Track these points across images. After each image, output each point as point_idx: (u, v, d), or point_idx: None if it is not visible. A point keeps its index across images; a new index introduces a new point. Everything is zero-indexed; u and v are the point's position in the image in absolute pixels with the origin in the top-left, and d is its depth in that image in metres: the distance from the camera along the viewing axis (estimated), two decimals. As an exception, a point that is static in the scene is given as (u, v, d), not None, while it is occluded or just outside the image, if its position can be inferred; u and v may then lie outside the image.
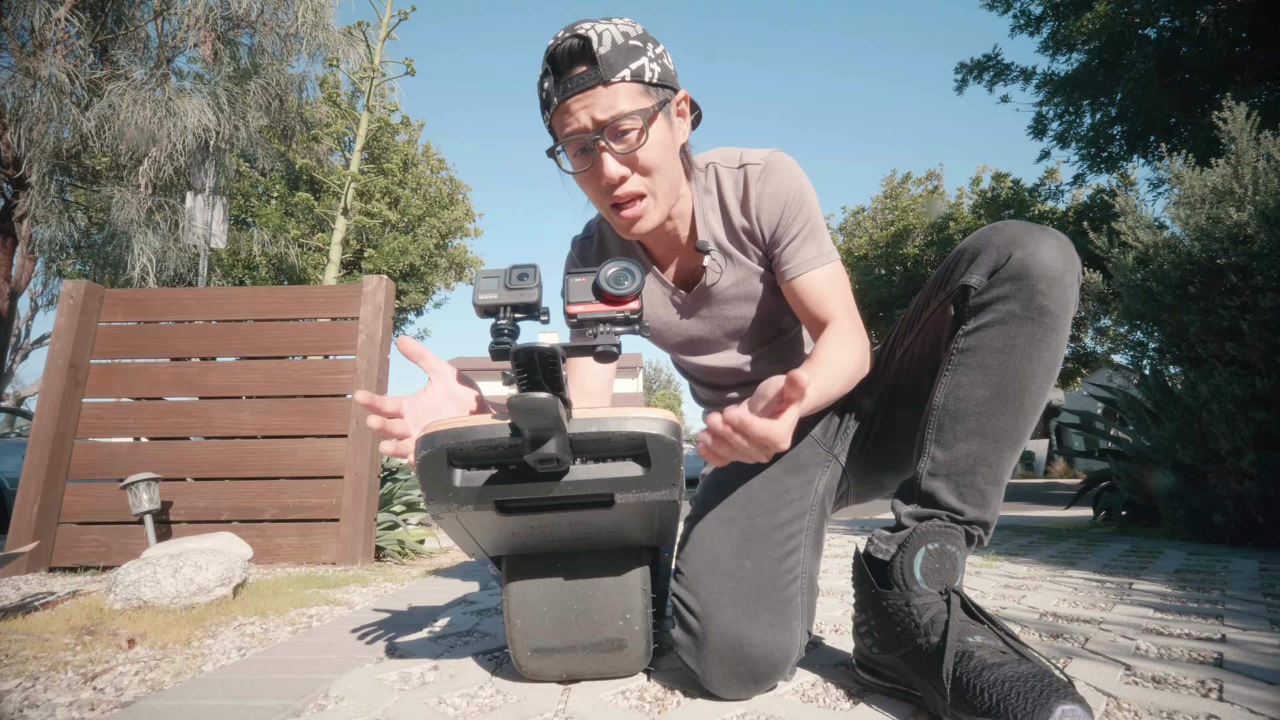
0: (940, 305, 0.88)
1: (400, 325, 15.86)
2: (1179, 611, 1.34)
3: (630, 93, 0.87)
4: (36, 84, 6.89)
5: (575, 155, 0.92)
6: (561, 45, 0.86)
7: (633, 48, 0.87)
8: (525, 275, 0.67)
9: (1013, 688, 0.64)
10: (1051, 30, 10.65)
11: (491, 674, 0.99)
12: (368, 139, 10.40)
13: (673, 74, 0.93)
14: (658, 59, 0.89)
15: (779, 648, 0.82)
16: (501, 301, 0.67)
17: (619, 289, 0.68)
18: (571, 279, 0.71)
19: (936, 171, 18.40)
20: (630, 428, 0.68)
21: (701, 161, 1.03)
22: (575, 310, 0.69)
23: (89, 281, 2.65)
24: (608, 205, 0.94)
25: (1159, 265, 2.84)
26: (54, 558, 2.44)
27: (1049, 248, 0.78)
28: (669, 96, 0.91)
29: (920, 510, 0.84)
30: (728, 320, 1.07)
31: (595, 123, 0.87)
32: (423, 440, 0.70)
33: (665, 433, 0.69)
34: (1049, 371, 0.80)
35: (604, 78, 0.85)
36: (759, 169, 0.98)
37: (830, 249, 0.99)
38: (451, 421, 0.70)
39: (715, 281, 1.04)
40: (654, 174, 0.91)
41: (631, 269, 0.69)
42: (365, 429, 2.54)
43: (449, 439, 0.69)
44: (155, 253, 8.00)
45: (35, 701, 0.91)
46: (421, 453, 0.69)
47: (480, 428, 0.69)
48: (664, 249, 1.07)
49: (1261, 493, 2.54)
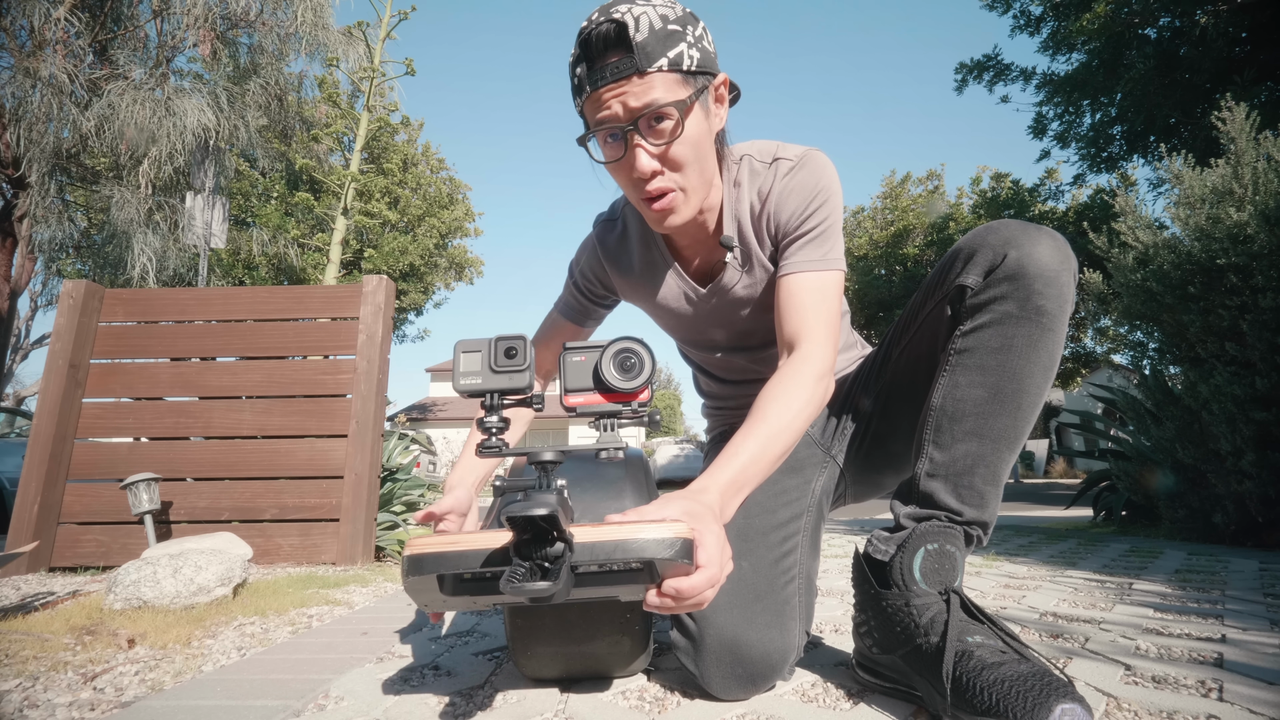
0: (937, 305, 0.88)
1: (400, 325, 15.86)
2: (1179, 611, 1.34)
3: (667, 83, 0.81)
4: (36, 84, 6.89)
5: (607, 144, 0.88)
6: (596, 29, 0.81)
7: (671, 33, 0.81)
8: (513, 352, 0.60)
9: (1012, 687, 0.64)
10: (1051, 30, 10.66)
11: (491, 674, 0.99)
12: (367, 139, 10.39)
13: (713, 56, 0.87)
14: (697, 43, 0.84)
15: (776, 648, 0.82)
16: (487, 388, 0.61)
17: (626, 382, 0.61)
18: (569, 357, 0.63)
19: (937, 171, 18.42)
20: (645, 555, 0.59)
21: (736, 153, 0.99)
22: (574, 402, 0.63)
23: (89, 281, 2.65)
24: (639, 197, 0.91)
25: (1159, 265, 2.84)
26: (54, 558, 2.44)
27: (1044, 247, 0.78)
28: (707, 83, 0.86)
29: (919, 511, 0.84)
30: (737, 319, 1.06)
31: (629, 112, 0.82)
32: (409, 563, 0.60)
33: (677, 556, 0.60)
34: (1046, 371, 0.80)
35: (640, 67, 0.80)
36: (790, 164, 0.95)
37: (836, 258, 0.93)
38: (440, 544, 0.60)
39: (734, 281, 1.01)
40: (687, 168, 0.87)
41: (639, 351, 0.63)
42: (365, 429, 2.54)
43: (438, 566, 0.59)
44: (155, 253, 8.00)
45: (35, 701, 0.91)
46: (409, 577, 0.61)
47: (470, 554, 0.59)
48: (689, 240, 1.04)
49: (1261, 493, 2.54)
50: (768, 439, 0.79)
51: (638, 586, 0.62)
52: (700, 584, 0.62)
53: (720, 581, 0.64)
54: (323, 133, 8.87)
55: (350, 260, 13.20)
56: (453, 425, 24.49)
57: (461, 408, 25.58)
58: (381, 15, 8.11)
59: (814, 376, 0.85)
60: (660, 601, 0.63)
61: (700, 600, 0.63)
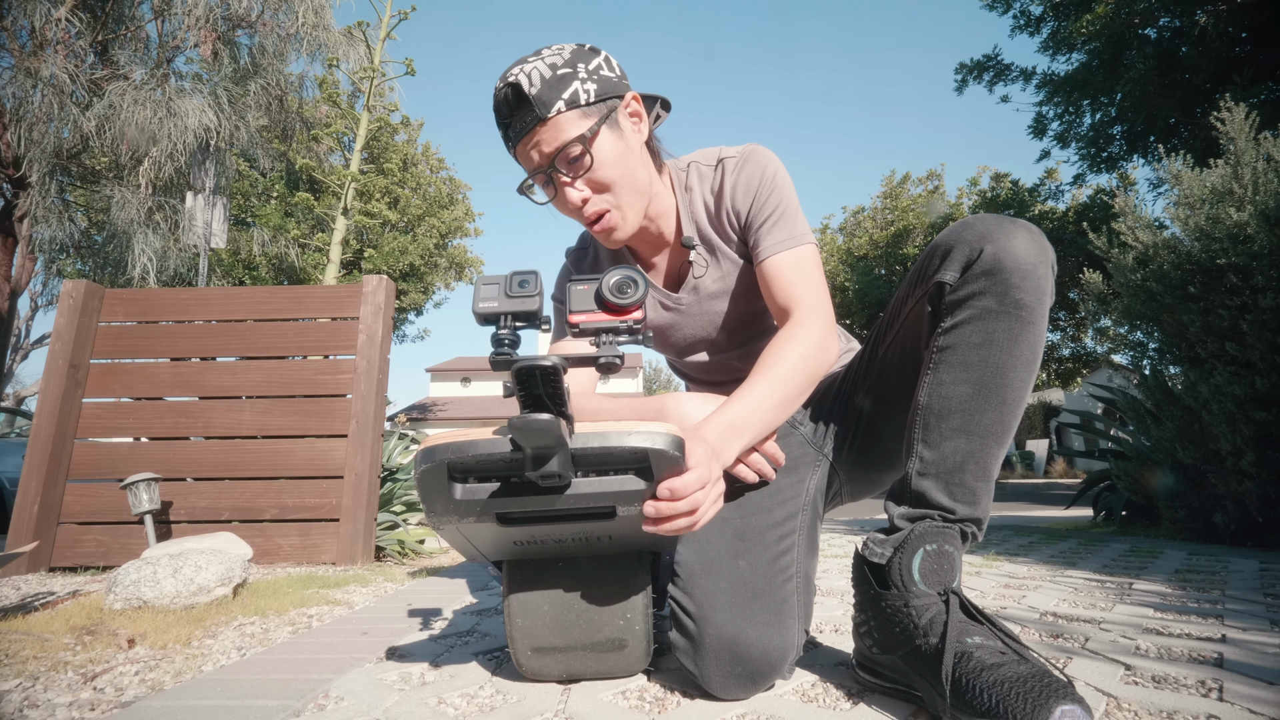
0: (918, 302, 0.88)
1: (400, 325, 15.86)
2: (1179, 611, 1.34)
3: (569, 120, 0.91)
4: (37, 84, 6.89)
5: (544, 187, 0.99)
6: (499, 96, 0.92)
7: (561, 77, 0.90)
8: (526, 282, 0.67)
9: (1012, 688, 0.64)
10: (1051, 30, 10.65)
11: (491, 674, 0.99)
12: (367, 139, 10.40)
13: (614, 81, 0.95)
14: (591, 75, 0.92)
15: (775, 647, 0.82)
16: (502, 310, 0.66)
17: (622, 298, 0.68)
18: (573, 286, 0.70)
19: (937, 171, 18.41)
20: (633, 442, 0.67)
21: (683, 162, 1.08)
22: (577, 319, 0.69)
23: (89, 281, 2.65)
24: (583, 223, 1.00)
25: (1159, 265, 2.84)
26: (54, 558, 2.44)
27: (1020, 240, 0.78)
28: (613, 106, 0.94)
29: (912, 511, 0.84)
30: (716, 315, 1.10)
31: (544, 156, 0.92)
32: (422, 454, 0.69)
33: (668, 447, 0.68)
34: (1029, 365, 0.80)
35: (540, 115, 0.90)
36: (735, 160, 1.03)
37: (802, 232, 1.00)
38: (452, 435, 0.69)
39: (702, 275, 1.08)
40: (614, 187, 0.95)
41: (635, 277, 0.69)
42: (365, 429, 2.54)
43: (449, 453, 0.68)
44: (155, 253, 8.00)
45: (35, 701, 0.91)
46: (421, 466, 0.68)
47: (481, 442, 0.67)
48: (650, 249, 1.12)
49: (1261, 493, 2.54)
50: (768, 389, 0.87)
51: (634, 494, 0.70)
52: (692, 482, 0.70)
53: (710, 485, 0.72)
54: (323, 133, 8.86)
55: (350, 260, 13.19)
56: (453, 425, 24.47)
57: (461, 408, 25.57)
58: (381, 15, 8.12)
59: (810, 334, 0.92)
60: (657, 509, 0.70)
61: (694, 505, 0.70)
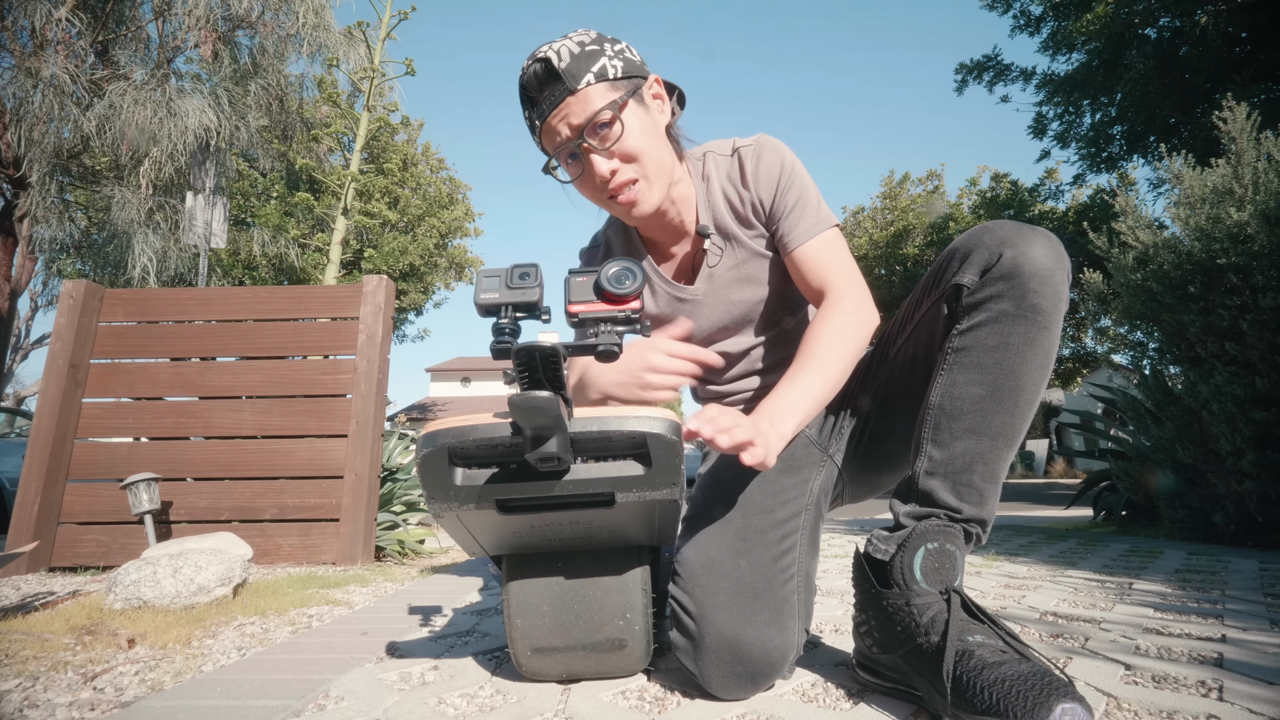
0: (934, 304, 0.89)
1: (400, 325, 15.86)
2: (1179, 611, 1.34)
3: (599, 92, 0.93)
4: (37, 84, 6.90)
5: (568, 164, 0.99)
6: (528, 73, 0.95)
7: (590, 53, 0.93)
8: (527, 274, 0.68)
9: (1013, 686, 0.64)
10: (1051, 30, 10.65)
11: (491, 674, 0.99)
12: (367, 139, 10.39)
13: (638, 64, 0.98)
14: (618, 55, 0.95)
15: (775, 646, 0.82)
16: (503, 301, 0.67)
17: (620, 288, 0.69)
18: (573, 278, 0.71)
19: (937, 171, 18.39)
20: (631, 427, 0.68)
21: (698, 152, 1.10)
22: (576, 309, 0.70)
23: (89, 281, 2.65)
24: (606, 199, 1.00)
25: (1159, 265, 2.84)
26: (54, 558, 2.44)
27: (1039, 247, 0.79)
28: (638, 85, 0.97)
29: (918, 509, 0.84)
30: (732, 305, 1.09)
31: (574, 129, 0.94)
32: (424, 439, 0.70)
33: (666, 432, 0.68)
34: (1043, 369, 0.81)
35: (571, 87, 0.92)
36: (752, 149, 1.05)
37: (825, 216, 1.02)
38: (452, 420, 0.70)
39: (716, 263, 1.08)
40: (641, 158, 0.96)
41: (633, 268, 0.70)
42: (365, 429, 2.54)
43: (450, 437, 0.68)
44: (155, 253, 8.01)
45: (35, 701, 0.91)
46: (422, 451, 0.69)
47: (481, 426, 0.68)
48: (668, 238, 1.11)
49: (1261, 493, 2.54)
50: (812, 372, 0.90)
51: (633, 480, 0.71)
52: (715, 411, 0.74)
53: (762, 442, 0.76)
54: (323, 133, 8.85)
55: (350, 260, 13.19)
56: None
57: (461, 408, 25.55)
58: (381, 15, 8.11)
59: (846, 309, 0.95)
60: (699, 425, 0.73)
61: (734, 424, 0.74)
